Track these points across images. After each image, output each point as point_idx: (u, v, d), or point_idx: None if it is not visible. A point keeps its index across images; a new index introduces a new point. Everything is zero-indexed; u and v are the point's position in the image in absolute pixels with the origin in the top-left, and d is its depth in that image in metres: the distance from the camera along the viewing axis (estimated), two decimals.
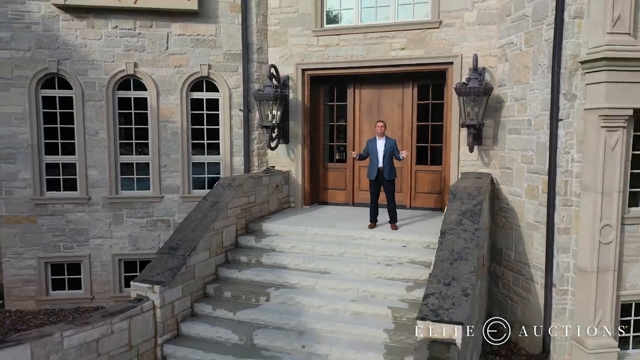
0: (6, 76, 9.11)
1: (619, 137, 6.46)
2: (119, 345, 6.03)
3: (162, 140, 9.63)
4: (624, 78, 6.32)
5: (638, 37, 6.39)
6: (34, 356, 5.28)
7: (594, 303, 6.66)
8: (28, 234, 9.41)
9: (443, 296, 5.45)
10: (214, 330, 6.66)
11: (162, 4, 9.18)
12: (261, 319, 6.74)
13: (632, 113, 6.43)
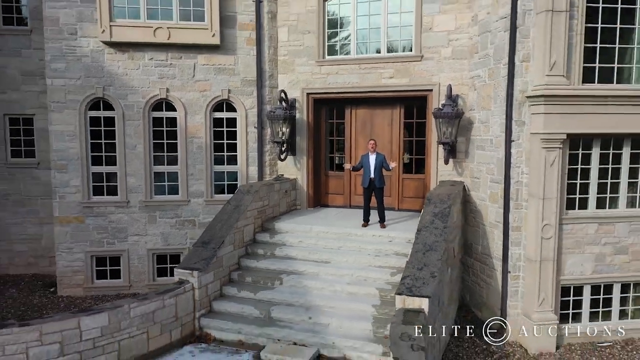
0: (61, 100, 10.93)
1: (556, 156, 8.28)
2: (169, 316, 7.86)
3: (189, 153, 11.45)
4: (558, 110, 8.14)
5: (570, 79, 8.20)
6: (110, 321, 7.12)
7: (538, 286, 8.48)
8: (77, 231, 11.22)
9: (416, 278, 7.26)
10: (239, 306, 8.48)
11: (190, 40, 11.00)
12: (276, 298, 8.56)
13: (565, 137, 8.25)
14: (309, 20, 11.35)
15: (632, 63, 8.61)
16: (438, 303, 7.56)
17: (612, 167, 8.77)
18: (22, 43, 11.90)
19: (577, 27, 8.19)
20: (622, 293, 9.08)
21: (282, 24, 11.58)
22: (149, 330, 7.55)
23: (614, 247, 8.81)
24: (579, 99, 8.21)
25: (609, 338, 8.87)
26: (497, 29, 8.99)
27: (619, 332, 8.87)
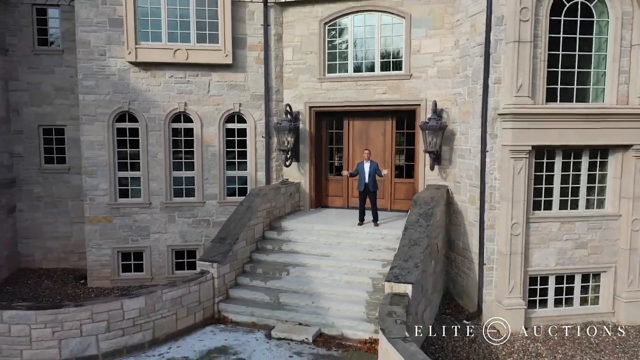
0: (91, 114, 12.35)
1: (523, 164, 9.69)
2: (193, 301, 9.28)
3: (204, 159, 12.86)
4: (524, 125, 9.56)
5: (535, 99, 9.62)
6: (147, 304, 8.54)
7: (508, 276, 9.89)
8: (105, 230, 12.64)
9: (402, 268, 8.67)
10: (252, 293, 9.90)
11: (206, 60, 12.41)
12: (284, 287, 9.98)
13: (531, 148, 9.67)
14: (311, 42, 12.76)
15: (589, 84, 10.03)
16: (422, 290, 8.98)
17: (572, 174, 10.19)
18: (55, 62, 13.30)
19: (541, 54, 9.60)
20: (583, 282, 10.50)
21: (287, 45, 13.00)
22: (177, 312, 8.98)
23: (574, 242, 10.23)
24: (542, 116, 9.63)
25: (571, 321, 10.28)
26: (475, 54, 10.41)
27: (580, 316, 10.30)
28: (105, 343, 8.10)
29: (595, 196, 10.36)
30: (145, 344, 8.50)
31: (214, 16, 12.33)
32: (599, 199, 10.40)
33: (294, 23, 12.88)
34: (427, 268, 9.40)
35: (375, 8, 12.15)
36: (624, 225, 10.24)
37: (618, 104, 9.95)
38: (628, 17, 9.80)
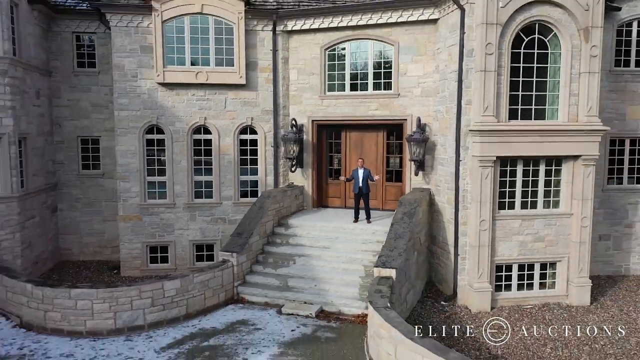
0: (125, 127, 14.39)
1: (489, 172, 11.73)
2: (217, 284, 11.32)
3: (221, 166, 14.89)
4: (490, 140, 11.59)
5: (499, 117, 11.64)
6: (182, 285, 10.59)
7: (478, 265, 11.92)
8: (136, 227, 14.68)
9: (388, 256, 10.71)
10: (265, 279, 11.94)
11: (223, 80, 14.46)
12: (291, 273, 12.02)
13: (495, 158, 11.71)
14: (313, 65, 14.80)
15: (545, 105, 12.06)
16: (405, 275, 11.02)
17: (532, 179, 12.23)
18: (92, 81, 15.33)
19: (504, 81, 11.64)
20: (542, 270, 12.54)
21: (292, 67, 15.05)
22: (205, 292, 11.02)
23: (533, 236, 12.27)
24: (505, 132, 11.66)
25: (532, 302, 12.31)
26: (451, 79, 12.45)
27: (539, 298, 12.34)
28: (150, 316, 10.15)
29: (551, 198, 12.40)
30: (181, 317, 10.54)
31: (230, 43, 14.36)
32: (555, 200, 12.43)
33: (298, 48, 14.93)
34: (410, 257, 11.44)
35: (368, 37, 14.19)
36: (575, 222, 12.28)
37: (569, 121, 11.99)
38: (577, 49, 11.84)
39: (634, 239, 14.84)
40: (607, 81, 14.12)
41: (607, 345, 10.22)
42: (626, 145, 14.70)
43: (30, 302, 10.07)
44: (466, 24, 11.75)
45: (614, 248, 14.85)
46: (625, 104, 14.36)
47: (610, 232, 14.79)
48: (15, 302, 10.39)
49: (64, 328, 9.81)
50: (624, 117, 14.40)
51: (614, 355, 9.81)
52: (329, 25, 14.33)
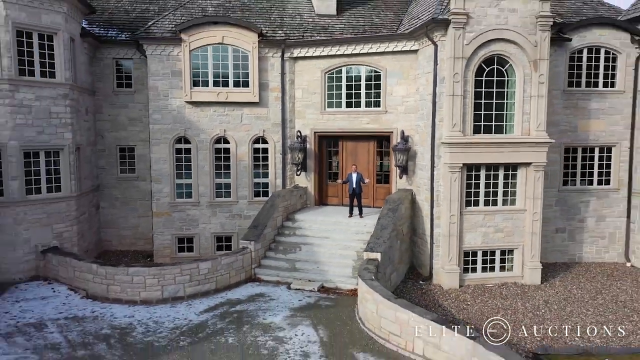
0: (158, 138, 17.27)
1: (457, 176, 14.58)
2: (239, 266, 14.20)
3: (238, 171, 17.74)
4: (457, 150, 14.43)
5: (465, 132, 14.49)
6: (212, 265, 13.46)
7: (448, 251, 14.77)
8: (167, 222, 17.54)
9: (374, 243, 13.56)
10: (276, 262, 14.82)
11: (240, 99, 17.31)
12: (298, 258, 14.89)
13: (462, 165, 14.57)
14: (315, 86, 17.65)
15: (503, 122, 14.91)
16: (389, 259, 13.85)
17: (493, 182, 15.08)
18: (129, 99, 18.17)
19: (469, 103, 14.48)
20: (501, 256, 15.39)
21: (297, 87, 17.90)
22: (230, 272, 13.88)
23: (494, 228, 15.11)
24: (470, 144, 14.50)
25: (493, 282, 15.15)
26: (427, 100, 15.30)
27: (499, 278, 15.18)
28: (188, 289, 13.02)
29: (509, 197, 15.26)
30: (211, 291, 13.40)
31: (246, 68, 17.22)
32: (512, 199, 15.29)
33: (302, 72, 17.79)
34: (393, 245, 14.28)
35: (361, 63, 17.05)
36: (528, 216, 15.13)
37: (522, 135, 14.84)
38: (528, 77, 14.68)
39: (586, 231, 17.69)
40: (561, 99, 17.01)
41: (546, 312, 13.06)
42: (578, 153, 17.56)
43: (95, 278, 12.94)
44: (439, 57, 14.62)
45: (569, 239, 17.70)
46: (577, 118, 17.21)
47: (565, 226, 17.63)
48: (81, 279, 13.26)
49: (122, 298, 12.67)
50: (576, 129, 17.25)
51: (550, 319, 12.65)
52: (328, 53, 17.18)
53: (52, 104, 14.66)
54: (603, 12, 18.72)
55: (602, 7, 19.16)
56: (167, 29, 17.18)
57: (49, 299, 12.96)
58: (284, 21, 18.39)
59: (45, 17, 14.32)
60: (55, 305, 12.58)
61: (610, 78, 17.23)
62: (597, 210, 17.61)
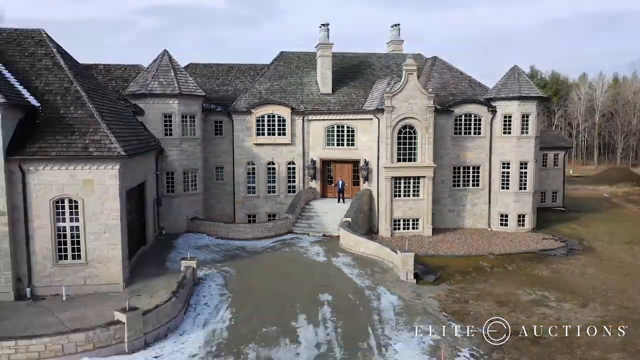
0: (239, 162, 33.14)
1: (389, 182, 30.34)
2: (284, 225, 30.16)
3: (279, 179, 33.55)
4: (388, 170, 30.18)
5: (392, 161, 30.21)
6: (274, 224, 29.37)
7: (385, 218, 30.52)
8: (242, 206, 33.32)
9: (348, 213, 29.45)
10: (302, 224, 30.76)
11: (281, 142, 33.10)
12: (312, 222, 30.83)
13: (391, 177, 30.35)
14: (320, 134, 33.45)
15: (413, 155, 30.60)
16: (356, 222, 29.61)
17: (406, 185, 30.79)
18: (221, 141, 33.84)
19: (394, 145, 30.18)
20: (412, 222, 31.10)
21: (311, 135, 33.71)
22: (281, 228, 29.76)
23: (408, 208, 30.81)
24: (395, 168, 30.18)
25: (409, 235, 30.79)
26: (375, 142, 31.04)
27: (412, 232, 30.90)
28: (264, 234, 28.85)
29: (416, 192, 30.96)
30: (272, 235, 29.19)
31: (284, 125, 33.01)
32: (417, 193, 30.97)
33: (313, 127, 33.59)
34: (358, 215, 29.99)
35: (343, 123, 32.90)
36: (425, 202, 30.85)
37: (420, 162, 30.54)
38: (423, 134, 30.35)
39: (466, 211, 33.40)
40: (451, 141, 32.74)
41: (429, 244, 28.73)
42: (461, 170, 33.29)
43: (221, 229, 28.73)
44: (380, 124, 30.40)
45: (457, 216, 33.44)
46: (460, 151, 32.93)
47: (454, 209, 33.37)
48: (214, 229, 29.03)
49: (235, 237, 28.41)
50: (459, 157, 32.97)
51: (430, 246, 28.30)
52: (326, 118, 33.04)
53: (194, 148, 30.53)
54: (478, 92, 34.31)
55: (479, 88, 34.77)
56: (243, 106, 33.00)
57: (200, 239, 28.70)
58: (303, 98, 34.15)
59: (193, 108, 30.20)
60: (205, 241, 28.31)
61: (477, 129, 32.89)
62: (472, 200, 33.29)
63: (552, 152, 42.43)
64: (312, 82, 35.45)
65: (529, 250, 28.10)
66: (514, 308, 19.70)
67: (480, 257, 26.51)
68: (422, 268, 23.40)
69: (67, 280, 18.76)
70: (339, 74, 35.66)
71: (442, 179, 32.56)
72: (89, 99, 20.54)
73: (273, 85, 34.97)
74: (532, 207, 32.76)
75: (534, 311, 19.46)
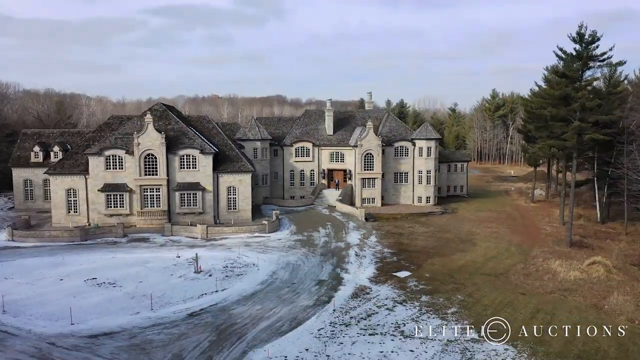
0: (286, 171, 65.92)
1: (359, 181, 62.94)
2: (308, 202, 63.13)
3: (306, 178, 66.29)
4: (360, 175, 62.79)
5: (362, 170, 62.81)
6: (302, 201, 62.26)
7: (358, 197, 63.10)
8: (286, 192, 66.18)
9: (340, 195, 62.22)
10: (317, 202, 63.61)
11: (307, 160, 65.83)
12: (322, 200, 63.73)
13: (361, 178, 62.98)
14: (327, 155, 66.18)
15: (373, 168, 63.20)
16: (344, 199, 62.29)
17: (368, 182, 63.38)
18: (276, 161, 66.35)
19: (362, 161, 62.73)
20: (371, 200, 63.62)
21: (322, 155, 66.42)
22: (307, 201, 62.59)
23: (369, 192, 63.34)
24: (363, 173, 62.74)
25: (370, 207, 63.30)
26: (353, 161, 63.64)
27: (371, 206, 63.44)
28: (299, 204, 61.58)
29: (373, 186, 63.59)
30: (303, 205, 61.89)
31: (309, 153, 65.76)
32: (374, 186, 63.58)
33: (322, 152, 66.36)
34: (345, 196, 62.55)
35: (339, 151, 65.72)
36: (378, 189, 63.35)
37: (375, 171, 63.04)
38: (377, 156, 62.83)
39: (400, 195, 66.07)
40: (393, 160, 65.51)
41: (377, 210, 61.36)
42: (398, 174, 66.02)
43: (279, 202, 61.43)
44: (356, 152, 63.13)
45: (396, 197, 66.09)
46: (397, 164, 65.69)
47: (395, 193, 66.08)
48: (275, 202, 61.71)
49: (285, 205, 61.11)
50: (396, 168, 65.67)
51: (377, 210, 60.92)
52: (330, 148, 65.89)
53: (266, 163, 63.50)
54: (408, 134, 66.72)
55: (409, 131, 67.31)
56: (288, 142, 65.84)
57: (270, 206, 61.27)
58: (318, 137, 66.80)
59: (265, 144, 63.21)
60: (272, 207, 60.92)
61: (406, 154, 65.41)
62: (404, 189, 65.88)
63: (460, 163, 74.74)
64: (323, 128, 68.05)
65: (423, 212, 60.48)
66: (403, 231, 51.81)
67: (399, 214, 58.95)
68: (369, 216, 55.94)
69: (232, 217, 51.67)
70: (337, 123, 68.18)
71: (388, 179, 64.89)
72: (233, 145, 53.71)
73: (302, 130, 67.64)
74: (433, 193, 65.06)
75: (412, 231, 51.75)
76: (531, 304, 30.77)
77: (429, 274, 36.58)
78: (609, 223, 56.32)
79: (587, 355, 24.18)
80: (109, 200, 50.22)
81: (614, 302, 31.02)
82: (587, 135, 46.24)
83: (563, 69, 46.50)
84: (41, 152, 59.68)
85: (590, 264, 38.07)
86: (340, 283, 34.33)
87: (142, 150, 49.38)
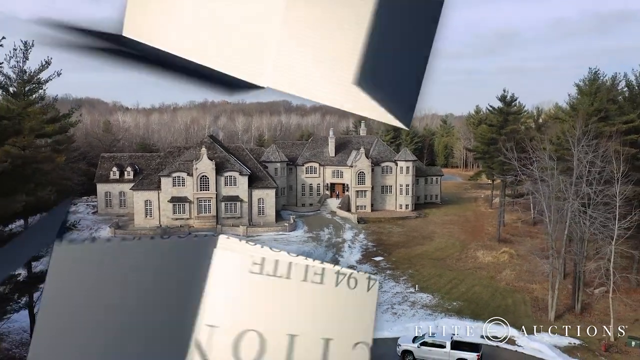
0: (300, 183, 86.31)
1: (354, 192, 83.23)
2: (315, 209, 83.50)
3: (314, 190, 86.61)
4: (354, 187, 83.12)
5: (356, 185, 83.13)
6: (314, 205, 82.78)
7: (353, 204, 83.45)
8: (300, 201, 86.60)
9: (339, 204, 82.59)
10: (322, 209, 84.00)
11: (314, 176, 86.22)
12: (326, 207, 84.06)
13: (355, 190, 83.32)
14: (329, 172, 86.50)
15: (364, 182, 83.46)
16: (342, 206, 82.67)
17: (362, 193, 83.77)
18: (292, 175, 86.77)
19: (356, 178, 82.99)
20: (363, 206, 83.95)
21: (325, 172, 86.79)
22: (315, 208, 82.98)
23: (362, 201, 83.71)
24: (356, 186, 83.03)
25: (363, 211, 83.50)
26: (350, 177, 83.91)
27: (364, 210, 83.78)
28: (309, 210, 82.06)
29: (365, 196, 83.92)
30: (312, 211, 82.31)
31: (316, 169, 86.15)
32: (365, 196, 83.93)
33: (325, 170, 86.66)
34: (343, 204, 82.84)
35: (339, 169, 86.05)
36: (368, 199, 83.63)
37: (366, 184, 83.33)
38: (368, 174, 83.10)
39: (385, 203, 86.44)
40: (380, 176, 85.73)
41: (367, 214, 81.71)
42: (384, 187, 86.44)
43: (294, 208, 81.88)
44: (351, 171, 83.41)
45: (382, 204, 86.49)
46: (383, 180, 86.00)
47: (382, 202, 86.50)
48: (291, 208, 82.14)
49: (298, 211, 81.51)
50: (383, 182, 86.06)
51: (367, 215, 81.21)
52: (332, 167, 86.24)
53: (283, 179, 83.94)
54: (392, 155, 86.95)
55: (394, 153, 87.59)
56: (300, 162, 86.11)
57: (287, 212, 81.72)
58: (323, 158, 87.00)
59: (283, 164, 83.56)
60: (289, 212, 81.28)
61: (390, 172, 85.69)
62: (389, 198, 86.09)
63: (434, 177, 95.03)
64: (326, 151, 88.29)
65: (402, 216, 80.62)
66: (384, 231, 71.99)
67: (384, 218, 79.15)
68: (361, 219, 76.20)
69: (261, 220, 72.33)
70: (338, 147, 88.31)
71: (377, 190, 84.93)
72: (261, 167, 74.25)
73: (310, 152, 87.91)
74: (411, 201, 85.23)
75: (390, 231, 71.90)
76: (452, 275, 51.02)
77: (395, 258, 56.86)
78: (539, 225, 76.42)
79: (471, 297, 44.50)
80: (175, 208, 70.78)
81: (504, 275, 51.20)
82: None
83: (491, 119, 67.17)
84: (117, 172, 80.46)
85: (501, 253, 58.22)
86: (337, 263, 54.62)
87: (198, 173, 69.90)
